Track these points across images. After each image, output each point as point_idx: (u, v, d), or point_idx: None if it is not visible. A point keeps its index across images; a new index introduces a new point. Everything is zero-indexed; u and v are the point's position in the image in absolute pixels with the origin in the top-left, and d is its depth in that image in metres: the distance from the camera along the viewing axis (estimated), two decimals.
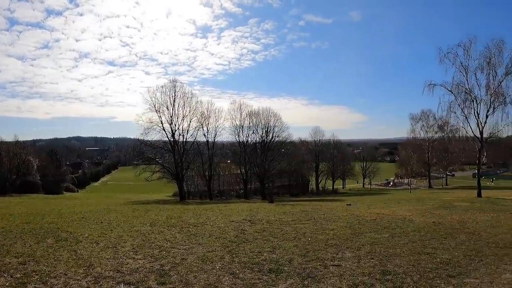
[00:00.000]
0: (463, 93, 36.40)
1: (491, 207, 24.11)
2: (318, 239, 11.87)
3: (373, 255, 9.62)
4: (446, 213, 20.30)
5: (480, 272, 8.21)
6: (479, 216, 18.82)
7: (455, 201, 28.88)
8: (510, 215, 19.35)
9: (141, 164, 58.00)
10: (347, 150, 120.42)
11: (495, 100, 35.14)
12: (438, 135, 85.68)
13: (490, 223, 16.29)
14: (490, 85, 35.16)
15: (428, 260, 9.23)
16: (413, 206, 24.38)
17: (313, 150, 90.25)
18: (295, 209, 22.06)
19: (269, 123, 65.04)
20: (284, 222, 15.80)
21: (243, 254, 9.62)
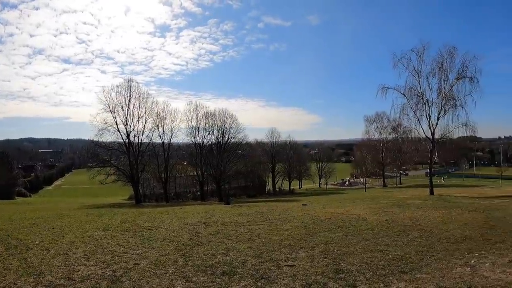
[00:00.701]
0: (416, 96, 38.48)
1: (443, 204, 25.18)
2: (273, 240, 11.90)
3: (327, 254, 9.76)
4: (399, 211, 21.01)
5: (432, 267, 8.52)
6: (431, 213, 19.60)
7: (408, 199, 29.96)
8: (461, 212, 20.29)
9: (96, 166, 55.80)
10: (303, 151, 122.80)
11: (446, 103, 37.27)
12: (392, 136, 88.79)
13: (441, 220, 17.00)
14: (442, 89, 37.42)
15: (381, 257, 9.49)
16: (367, 205, 25.02)
17: (269, 151, 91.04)
18: (250, 210, 22.07)
19: (225, 124, 64.91)
20: (239, 224, 15.75)
21: (197, 257, 9.51)
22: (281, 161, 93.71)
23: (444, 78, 37.07)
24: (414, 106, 38.38)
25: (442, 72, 36.97)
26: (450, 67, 36.77)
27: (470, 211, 20.63)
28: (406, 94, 38.60)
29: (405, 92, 38.57)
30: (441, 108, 37.44)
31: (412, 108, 38.48)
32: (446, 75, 36.95)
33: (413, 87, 38.30)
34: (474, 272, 8.09)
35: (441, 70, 36.93)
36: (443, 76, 37.03)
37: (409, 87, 38.38)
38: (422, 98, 38.00)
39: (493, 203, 26.44)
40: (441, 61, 36.80)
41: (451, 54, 36.59)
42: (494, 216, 18.19)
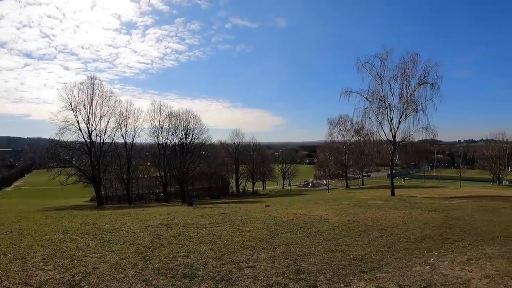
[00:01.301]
0: (378, 100, 39.50)
1: (403, 204, 25.79)
2: (234, 241, 11.83)
3: (288, 255, 9.78)
4: (360, 211, 21.35)
5: (392, 266, 8.70)
6: (391, 213, 20.06)
7: (370, 200, 30.54)
8: (421, 212, 20.86)
9: (56, 167, 54.08)
10: (267, 152, 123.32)
11: (407, 108, 38.46)
12: (355, 139, 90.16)
13: (402, 220, 17.41)
14: (404, 94, 38.58)
15: (342, 257, 9.61)
16: (329, 205, 25.29)
17: (233, 152, 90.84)
18: (213, 212, 21.90)
19: (189, 125, 64.59)
20: (201, 225, 15.59)
21: (157, 260, 9.32)
22: (244, 162, 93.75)
23: (406, 84, 38.34)
24: (376, 110, 39.46)
25: (404, 78, 38.23)
26: (412, 73, 38.09)
27: (430, 211, 21.25)
28: (368, 98, 39.57)
29: (368, 96, 39.56)
30: (402, 112, 38.65)
31: (374, 111, 39.53)
32: (408, 81, 38.25)
33: (375, 91, 39.34)
34: (433, 270, 8.32)
35: (403, 75, 38.19)
36: (405, 82, 38.30)
37: (372, 91, 39.40)
38: (384, 102, 39.11)
39: (452, 203, 27.35)
40: (404, 67, 38.11)
41: (414, 60, 37.93)
42: (453, 216, 18.79)
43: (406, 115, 38.48)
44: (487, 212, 20.72)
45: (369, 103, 39.58)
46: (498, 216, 18.63)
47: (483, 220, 17.03)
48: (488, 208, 22.94)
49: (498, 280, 7.48)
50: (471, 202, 28.47)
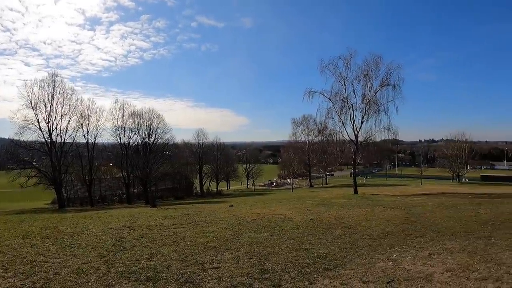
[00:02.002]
0: (341, 101, 40.53)
1: (366, 202, 26.33)
2: (198, 242, 11.69)
3: (252, 255, 9.75)
4: (324, 210, 21.61)
5: (355, 263, 8.83)
6: (354, 211, 20.41)
7: (333, 199, 31.01)
8: (383, 209, 21.34)
9: (16, 168, 52.13)
10: (231, 152, 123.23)
11: (370, 108, 39.75)
12: (318, 138, 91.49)
13: (364, 217, 17.75)
14: (366, 95, 39.86)
15: (306, 255, 9.66)
16: (293, 205, 25.44)
17: (196, 152, 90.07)
18: (177, 213, 21.62)
19: (152, 124, 63.86)
20: (164, 227, 15.32)
21: (120, 263, 9.06)
22: (208, 162, 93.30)
23: (368, 85, 39.61)
24: (339, 110, 40.45)
25: (367, 79, 39.49)
26: (374, 74, 39.39)
27: (392, 208, 21.79)
28: (331, 98, 40.47)
29: (331, 96, 40.46)
30: (365, 112, 39.87)
31: (337, 112, 40.52)
32: (370, 82, 39.53)
33: (338, 92, 40.31)
34: (396, 266, 8.50)
35: (366, 77, 39.42)
36: (368, 83, 39.58)
37: (335, 92, 40.35)
38: (347, 103, 40.13)
39: (413, 200, 28.17)
40: (367, 69, 39.38)
41: (377, 62, 39.27)
42: (414, 213, 19.34)
43: (369, 116, 39.71)
44: (447, 208, 21.41)
45: (332, 103, 40.50)
46: (457, 212, 19.30)
47: (443, 216, 17.60)
48: (448, 204, 23.73)
49: (460, 274, 7.73)
50: (432, 199, 29.43)
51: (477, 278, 7.38)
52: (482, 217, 17.41)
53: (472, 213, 19.06)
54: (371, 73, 39.18)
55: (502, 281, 7.19)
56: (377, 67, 39.11)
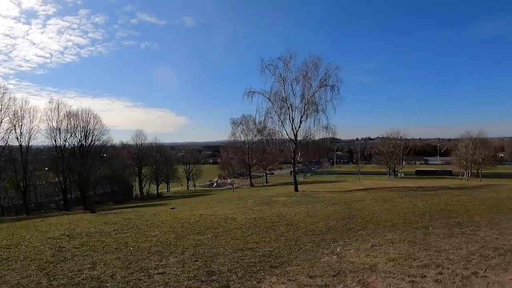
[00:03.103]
0: (280, 101, 41.36)
1: (307, 199, 26.85)
2: (141, 247, 11.36)
3: (198, 257, 9.62)
4: (266, 208, 21.83)
5: (301, 259, 8.99)
6: (296, 209, 20.77)
7: (274, 197, 31.33)
8: (324, 205, 21.93)
9: None
10: (170, 153, 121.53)
11: (308, 108, 40.84)
12: (258, 138, 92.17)
13: (306, 214, 18.14)
14: (305, 95, 40.89)
15: (251, 254, 9.68)
16: (235, 204, 25.48)
17: (135, 154, 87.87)
18: (117, 218, 20.91)
19: (89, 125, 61.36)
20: (105, 233, 14.75)
21: (62, 275, 8.56)
22: (148, 164, 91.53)
23: (307, 85, 40.65)
24: (279, 110, 41.29)
25: (306, 80, 40.49)
26: (313, 75, 40.52)
27: (333, 204, 22.42)
28: (271, 98, 41.14)
29: (270, 96, 41.12)
30: (303, 112, 40.93)
31: (277, 112, 41.31)
32: (309, 83, 40.60)
33: (278, 92, 41.14)
34: (341, 259, 8.77)
35: (305, 78, 40.44)
36: (307, 84, 40.60)
37: (274, 92, 41.10)
38: (286, 103, 41.05)
39: (353, 196, 29.12)
40: (306, 70, 40.42)
41: (316, 64, 40.45)
42: (354, 207, 20.05)
43: (307, 115, 40.80)
44: (385, 202, 22.36)
45: (271, 103, 41.15)
46: (395, 205, 20.23)
47: (382, 210, 18.40)
48: (386, 198, 24.78)
49: (402, 262, 8.15)
50: (370, 194, 30.58)
51: (419, 266, 7.81)
52: (419, 208, 18.40)
53: (409, 205, 20.07)
54: (310, 74, 40.27)
55: (443, 266, 7.67)
56: (316, 68, 40.31)
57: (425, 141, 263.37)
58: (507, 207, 17.80)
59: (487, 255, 8.46)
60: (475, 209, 17.50)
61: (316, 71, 40.24)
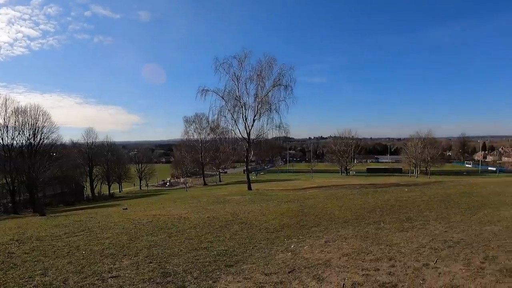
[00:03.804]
0: (233, 100, 41.20)
1: (260, 198, 27.05)
2: (94, 251, 11.01)
3: (152, 259, 9.46)
4: (219, 207, 21.79)
5: (256, 257, 9.05)
6: (250, 207, 20.89)
7: (228, 196, 31.38)
8: (278, 203, 22.13)
9: None
10: (122, 152, 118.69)
11: (262, 107, 40.98)
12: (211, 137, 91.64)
13: (260, 212, 18.28)
14: (259, 94, 40.99)
15: (206, 254, 9.64)
16: (188, 204, 25.29)
17: (86, 153, 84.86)
18: (68, 220, 20.17)
19: (38, 122, 57.86)
20: (56, 237, 14.17)
21: (12, 283, 8.15)
22: (99, 164, 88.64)
23: (261, 85, 40.79)
24: (232, 109, 41.16)
25: (260, 79, 40.65)
26: (267, 75, 40.68)
27: (286, 202, 22.69)
28: (224, 97, 40.97)
29: (224, 95, 40.94)
30: (257, 111, 41.06)
31: (230, 110, 41.16)
32: (263, 82, 40.74)
33: (231, 91, 40.98)
34: (295, 255, 8.90)
35: (259, 77, 40.57)
36: (261, 83, 40.74)
37: (228, 90, 40.90)
38: (240, 102, 41.01)
39: (306, 193, 29.56)
40: (260, 69, 40.52)
41: (270, 63, 40.61)
42: (307, 205, 20.36)
43: (260, 114, 40.93)
44: (338, 199, 22.84)
45: (225, 102, 40.96)
46: (347, 202, 20.71)
47: (335, 206, 18.79)
48: (338, 195, 25.30)
49: (356, 257, 8.39)
50: (323, 191, 31.13)
51: (372, 259, 8.06)
52: (370, 205, 18.93)
53: (361, 202, 20.60)
54: (265, 74, 40.47)
55: (395, 259, 7.97)
56: (271, 68, 40.55)
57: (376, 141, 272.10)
58: (454, 201, 18.71)
59: (437, 247, 8.85)
60: (424, 204, 18.25)
61: (270, 70, 40.53)
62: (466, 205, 17.26)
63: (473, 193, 22.88)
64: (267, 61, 40.42)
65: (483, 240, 9.39)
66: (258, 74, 40.34)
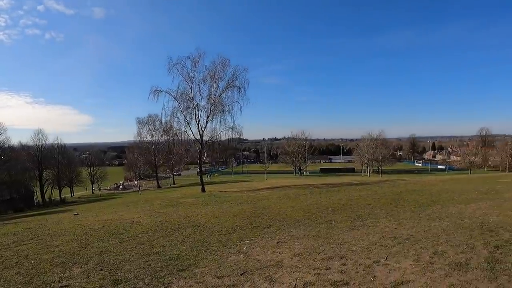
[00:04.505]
0: (186, 101, 40.98)
1: (214, 199, 27.00)
2: (43, 259, 10.54)
3: (103, 266, 9.17)
4: (172, 210, 21.56)
5: (208, 260, 8.98)
6: (203, 209, 20.80)
7: (181, 198, 31.09)
8: (231, 205, 22.20)
9: None
10: (73, 155, 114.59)
11: (215, 109, 41.07)
12: (164, 138, 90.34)
13: (213, 214, 18.22)
14: (212, 95, 41.08)
15: (158, 259, 9.46)
16: (141, 208, 24.85)
17: (35, 156, 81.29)
18: (17, 228, 19.27)
19: None
20: (4, 246, 13.48)
21: None
22: (49, 167, 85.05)
23: (215, 86, 40.87)
24: (185, 110, 40.91)
25: (213, 80, 40.66)
26: (221, 76, 40.78)
27: (239, 203, 22.78)
28: (177, 98, 40.65)
29: (177, 96, 40.61)
30: (210, 112, 41.07)
31: (183, 111, 40.88)
32: (217, 83, 40.80)
33: (185, 92, 40.74)
34: (247, 257, 8.91)
35: (213, 78, 40.60)
36: (214, 84, 40.81)
37: (181, 91, 40.64)
38: (193, 103, 40.84)
39: (259, 194, 29.71)
40: (214, 70, 40.57)
41: (224, 65, 40.79)
42: (260, 206, 20.50)
43: (213, 116, 40.98)
44: (290, 199, 23.11)
45: (177, 103, 40.65)
46: (300, 202, 20.99)
47: (287, 207, 18.99)
48: (291, 196, 25.60)
49: (307, 256, 8.52)
50: (276, 192, 31.40)
51: (323, 258, 8.21)
52: (322, 204, 19.28)
53: (314, 201, 20.96)
54: (218, 75, 40.49)
55: (346, 257, 8.17)
56: (224, 69, 40.65)
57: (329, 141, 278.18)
58: (404, 199, 19.41)
59: (387, 244, 9.12)
60: (375, 202, 18.80)
61: (224, 71, 40.63)
62: (416, 202, 17.97)
63: (423, 191, 23.83)
64: (221, 62, 40.55)
65: (432, 236, 9.79)
66: (212, 75, 40.36)
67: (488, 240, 8.89)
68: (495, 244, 8.43)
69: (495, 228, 10.19)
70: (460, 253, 7.87)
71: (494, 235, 9.36)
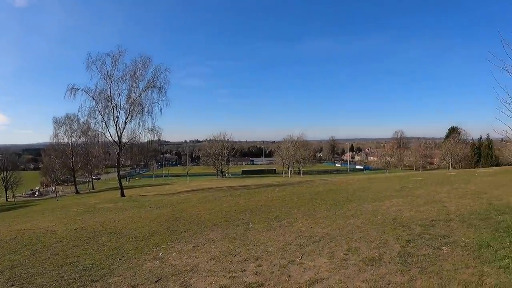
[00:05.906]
0: (105, 100, 38.79)
1: (133, 204, 26.28)
2: None
3: (14, 281, 8.45)
4: (89, 217, 20.67)
5: (123, 268, 8.70)
6: (120, 215, 20.18)
7: (99, 204, 29.92)
8: (150, 209, 21.75)
9: None
10: None
11: (134, 109, 39.51)
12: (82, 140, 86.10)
13: (130, 220, 17.74)
14: (131, 95, 39.42)
15: (72, 270, 8.97)
16: (57, 215, 23.53)
17: None
18: None
19: None
20: None
21: None
22: None
23: (134, 85, 39.30)
24: (103, 110, 38.74)
25: (133, 80, 39.14)
26: (142, 75, 39.45)
27: (158, 207, 22.40)
28: (95, 97, 38.36)
29: (95, 95, 38.32)
30: (129, 113, 39.38)
31: (101, 111, 38.71)
32: (137, 83, 39.34)
33: (103, 91, 38.57)
34: (163, 263, 8.76)
35: (133, 77, 39.06)
36: (134, 83, 39.24)
37: (99, 90, 38.44)
38: (111, 102, 38.80)
39: (179, 197, 29.39)
40: (135, 69, 39.08)
41: (145, 64, 39.52)
42: (179, 209, 20.32)
43: (132, 117, 39.46)
44: (210, 202, 23.09)
45: (95, 102, 38.49)
46: (219, 205, 21.02)
47: (206, 209, 18.98)
48: (210, 198, 25.59)
49: (223, 259, 8.56)
50: (196, 194, 31.23)
51: (239, 261, 8.30)
52: (241, 206, 19.44)
53: (232, 203, 21.06)
54: (139, 74, 39.18)
55: (262, 259, 8.33)
56: (145, 68, 39.45)
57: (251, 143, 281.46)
58: (322, 199, 20.11)
59: (303, 243, 9.41)
60: (293, 203, 19.25)
61: (145, 71, 39.46)
62: (333, 201, 18.63)
63: (340, 190, 24.77)
64: (142, 61, 39.39)
65: (347, 233, 10.23)
66: (132, 74, 38.99)
67: (401, 234, 9.44)
68: (407, 238, 8.95)
69: (407, 223, 10.84)
70: (374, 249, 8.29)
71: (406, 230, 9.95)
